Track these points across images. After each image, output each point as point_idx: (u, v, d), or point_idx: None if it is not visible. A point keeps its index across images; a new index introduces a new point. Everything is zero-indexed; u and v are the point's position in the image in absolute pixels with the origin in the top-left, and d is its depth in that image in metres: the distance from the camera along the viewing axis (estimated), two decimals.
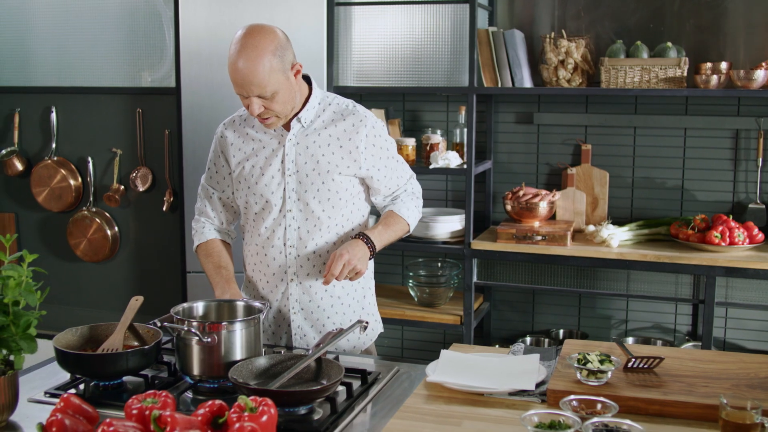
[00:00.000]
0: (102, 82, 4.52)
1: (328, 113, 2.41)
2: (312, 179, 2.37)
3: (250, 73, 2.18)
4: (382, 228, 2.44)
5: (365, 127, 2.39)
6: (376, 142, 2.42)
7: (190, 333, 2.01)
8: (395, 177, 2.51)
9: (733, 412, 1.64)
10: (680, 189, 3.98)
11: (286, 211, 2.40)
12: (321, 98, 2.43)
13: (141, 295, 2.34)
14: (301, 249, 2.42)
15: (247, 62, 2.18)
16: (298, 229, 2.41)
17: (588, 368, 1.89)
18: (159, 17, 4.36)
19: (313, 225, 2.40)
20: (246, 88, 2.21)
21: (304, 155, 2.37)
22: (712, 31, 3.85)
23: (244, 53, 2.19)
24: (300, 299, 2.46)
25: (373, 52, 4.12)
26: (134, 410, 1.70)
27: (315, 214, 2.39)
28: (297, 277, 2.44)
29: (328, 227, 2.42)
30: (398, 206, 2.53)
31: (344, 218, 2.44)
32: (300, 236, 2.41)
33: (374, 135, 2.41)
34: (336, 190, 2.39)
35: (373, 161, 2.42)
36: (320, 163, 2.37)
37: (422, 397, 1.92)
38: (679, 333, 4.07)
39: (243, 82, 2.20)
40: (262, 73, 2.18)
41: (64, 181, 4.58)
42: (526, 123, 4.15)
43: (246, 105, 2.26)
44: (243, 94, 2.24)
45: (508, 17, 4.13)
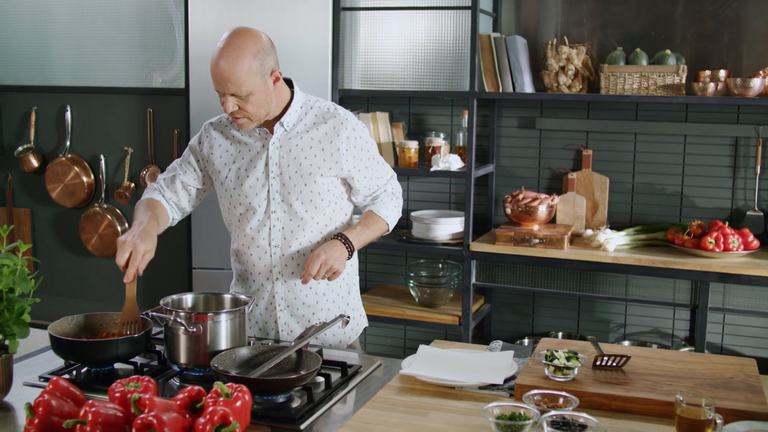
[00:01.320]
0: (115, 82, 4.65)
1: (310, 116, 2.49)
2: (295, 181, 2.45)
3: (228, 71, 2.27)
4: (361, 228, 2.52)
5: (346, 130, 2.47)
6: (357, 144, 2.50)
7: (177, 323, 2.10)
8: (375, 178, 2.59)
9: (688, 408, 1.69)
10: (679, 195, 4.03)
11: (271, 212, 2.48)
12: (303, 102, 2.51)
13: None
14: (285, 249, 2.50)
15: (227, 60, 2.27)
16: (282, 229, 2.49)
17: (554, 364, 1.96)
18: (170, 20, 4.48)
19: (296, 225, 2.49)
20: (223, 85, 2.30)
21: (287, 158, 2.46)
22: (713, 40, 3.89)
23: (226, 51, 2.28)
24: (285, 297, 2.55)
25: (378, 56, 4.20)
26: (117, 393, 1.79)
27: (298, 215, 2.48)
28: (282, 276, 2.53)
29: (311, 227, 2.50)
30: (377, 206, 2.61)
31: (327, 218, 2.52)
32: (284, 236, 2.49)
33: (355, 137, 2.49)
34: (318, 191, 2.47)
35: (354, 162, 2.49)
36: (303, 166, 2.45)
37: (395, 389, 1.99)
38: (677, 338, 4.11)
39: (220, 79, 2.29)
40: (239, 72, 2.27)
41: (77, 177, 4.70)
42: (528, 128, 4.21)
43: (222, 102, 2.35)
44: (220, 91, 2.33)
45: (512, 23, 4.19)
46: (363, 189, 2.57)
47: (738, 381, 1.97)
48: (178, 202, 2.64)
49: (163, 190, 2.63)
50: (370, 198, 2.62)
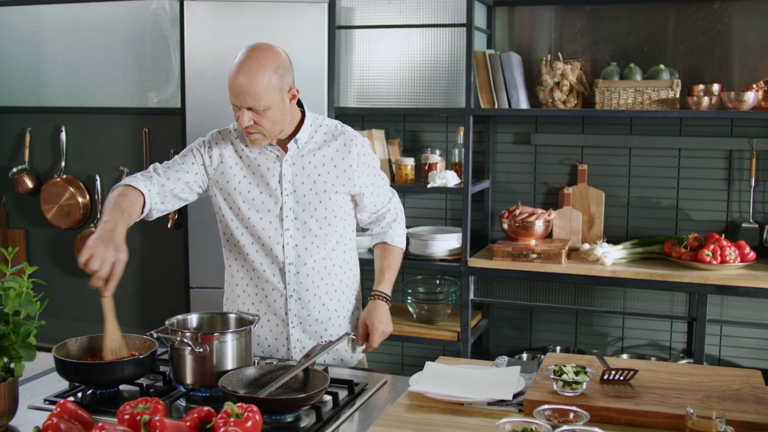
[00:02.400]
0: (110, 102, 4.64)
1: (320, 134, 2.51)
2: (309, 199, 2.45)
3: (248, 84, 2.26)
4: (389, 274, 2.64)
5: (356, 146, 2.50)
6: (366, 161, 2.53)
7: (183, 343, 2.09)
8: (381, 194, 2.61)
9: (698, 421, 1.70)
10: (675, 208, 4.05)
11: (284, 230, 2.47)
12: (312, 120, 2.52)
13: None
14: (300, 266, 2.50)
15: (247, 73, 2.26)
16: (296, 247, 2.49)
17: (563, 379, 1.96)
18: (165, 40, 4.49)
19: (310, 242, 2.49)
20: (241, 98, 2.28)
21: (300, 175, 2.46)
22: (705, 54, 3.93)
23: (247, 64, 2.28)
24: (299, 314, 2.54)
25: (374, 73, 4.22)
26: (126, 415, 1.78)
27: (312, 232, 2.48)
28: (296, 293, 2.52)
29: (325, 244, 2.51)
30: (390, 236, 2.68)
31: (338, 234, 2.54)
32: (298, 254, 2.49)
33: (364, 153, 2.52)
34: (332, 208, 2.48)
35: (364, 179, 2.52)
36: (317, 183, 2.46)
37: (403, 406, 1.99)
38: (674, 350, 4.12)
39: (239, 92, 2.28)
40: (259, 86, 2.27)
41: (72, 198, 4.69)
42: (523, 143, 4.23)
43: (237, 117, 2.33)
44: (236, 104, 2.31)
45: (507, 40, 4.22)
46: (370, 206, 2.59)
47: (745, 393, 1.98)
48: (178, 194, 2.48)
49: (161, 178, 2.44)
50: (375, 216, 2.64)
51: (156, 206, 2.44)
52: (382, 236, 2.69)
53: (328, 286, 2.55)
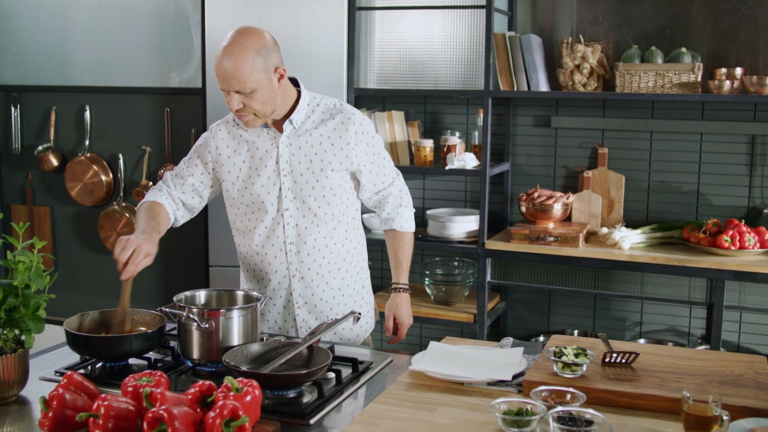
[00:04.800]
0: (133, 82, 4.70)
1: (317, 113, 2.51)
2: (307, 178, 2.47)
3: (232, 68, 2.29)
4: (406, 264, 2.71)
5: (354, 124, 2.49)
6: (365, 139, 2.53)
7: (190, 319, 2.13)
8: (382, 174, 2.61)
9: (695, 405, 1.70)
10: (696, 193, 4.01)
11: (284, 210, 2.49)
12: (309, 100, 2.53)
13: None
14: (300, 245, 2.52)
15: (230, 58, 2.29)
16: (296, 226, 2.51)
17: (563, 361, 1.97)
18: (187, 20, 4.52)
19: (310, 221, 2.51)
20: (227, 83, 2.31)
21: (297, 155, 2.48)
22: (729, 38, 3.88)
23: (230, 49, 2.30)
24: (303, 293, 2.57)
25: (393, 55, 4.22)
26: (129, 387, 1.82)
27: (312, 211, 2.49)
28: (299, 273, 2.55)
29: (325, 222, 2.52)
30: (399, 222, 2.69)
31: (340, 213, 2.55)
32: (299, 233, 2.51)
33: (363, 132, 2.52)
34: (330, 186, 2.49)
35: (362, 157, 2.52)
36: (314, 162, 2.47)
37: (404, 385, 2.01)
38: (693, 336, 4.10)
39: (224, 76, 2.31)
40: (243, 69, 2.29)
41: (96, 176, 4.75)
42: (544, 126, 4.21)
43: (227, 101, 2.36)
44: (224, 89, 2.34)
45: (528, 22, 4.20)
46: (369, 185, 2.59)
47: (747, 378, 1.97)
48: (187, 202, 2.62)
49: (171, 189, 2.61)
50: (377, 198, 2.64)
51: (178, 214, 2.62)
52: (391, 223, 2.69)
53: (331, 265, 2.57)
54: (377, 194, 2.63)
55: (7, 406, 1.95)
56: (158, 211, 2.53)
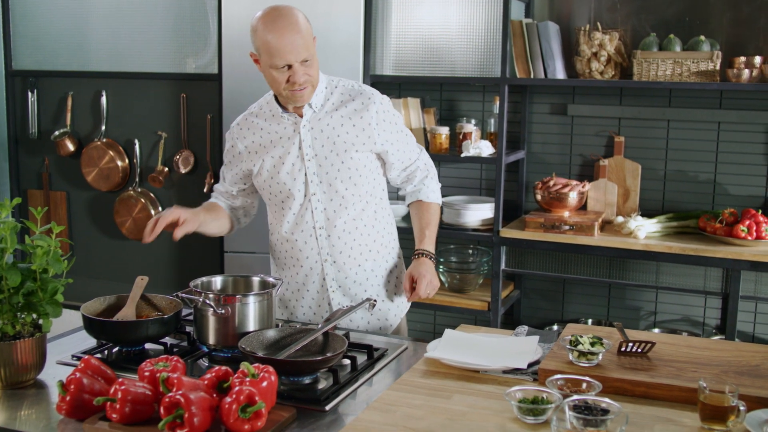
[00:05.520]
0: (149, 67, 4.70)
1: (336, 96, 2.50)
2: (331, 160, 2.46)
3: (300, 36, 2.29)
4: (429, 231, 2.62)
5: (374, 104, 2.48)
6: (386, 117, 2.51)
7: (206, 304, 2.14)
8: (407, 150, 2.60)
9: (711, 395, 1.69)
10: (712, 183, 3.99)
11: (311, 195, 2.49)
12: (327, 83, 2.52)
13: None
14: (330, 229, 2.52)
15: (292, 28, 2.29)
16: (325, 210, 2.50)
17: (579, 349, 1.96)
18: (204, 5, 4.52)
19: (338, 204, 2.50)
20: (295, 53, 2.29)
21: (320, 138, 2.46)
22: (749, 26, 3.84)
23: (285, 20, 2.30)
24: (336, 277, 2.56)
25: (410, 42, 4.21)
26: (146, 372, 1.84)
27: (339, 194, 2.49)
28: (330, 257, 2.54)
29: (353, 204, 2.51)
30: (425, 192, 2.66)
31: (367, 194, 2.54)
32: (327, 217, 2.51)
33: (383, 111, 2.50)
34: (356, 167, 2.48)
35: (386, 136, 2.51)
36: (337, 144, 2.46)
37: (419, 372, 2.01)
38: (707, 326, 4.08)
39: (292, 48, 2.28)
40: (307, 34, 2.31)
41: (112, 162, 4.77)
42: (560, 114, 4.19)
43: (285, 79, 2.33)
44: (288, 62, 2.30)
45: (545, 9, 4.17)
46: (397, 162, 2.58)
47: (764, 369, 1.96)
48: (239, 205, 2.70)
49: (221, 199, 2.70)
50: (405, 174, 2.64)
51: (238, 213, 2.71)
52: (417, 194, 2.67)
53: (362, 246, 2.56)
54: (405, 170, 2.63)
55: (25, 390, 1.97)
56: (215, 206, 2.66)
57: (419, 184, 2.67)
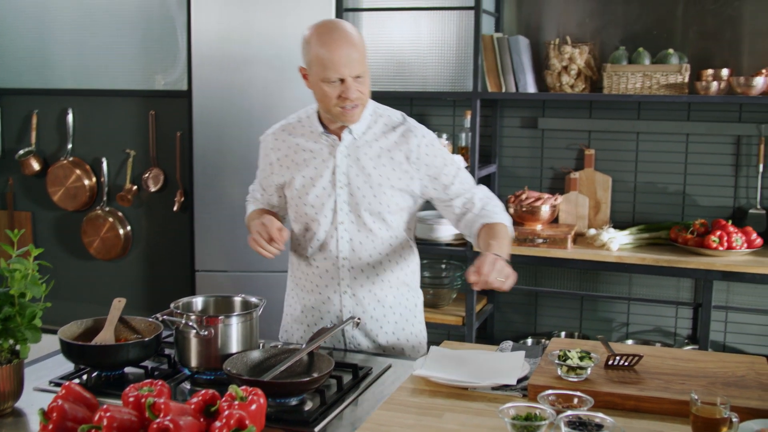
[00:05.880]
0: (117, 84, 4.65)
1: (379, 125, 2.38)
2: (364, 192, 2.35)
3: (356, 50, 2.20)
4: (495, 241, 2.23)
5: (415, 138, 2.35)
6: (429, 152, 2.37)
7: (188, 326, 2.09)
8: (457, 183, 2.42)
9: (703, 407, 1.70)
10: (682, 194, 4.03)
11: (338, 223, 2.37)
12: (372, 110, 2.39)
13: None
14: (354, 261, 2.40)
15: (349, 41, 2.20)
16: (351, 240, 2.39)
17: (568, 364, 1.96)
18: (172, 21, 4.48)
19: (365, 236, 2.38)
20: (350, 67, 2.19)
21: (355, 167, 2.35)
22: (715, 39, 3.90)
23: (340, 32, 2.21)
24: (353, 310, 2.45)
25: (381, 57, 4.21)
26: (131, 398, 1.78)
27: (367, 226, 2.37)
28: (350, 289, 2.43)
29: (381, 239, 2.39)
30: (487, 216, 2.38)
31: (396, 230, 2.41)
32: (353, 248, 2.39)
33: (425, 145, 2.36)
34: (387, 203, 2.36)
35: (426, 171, 2.37)
36: (372, 176, 2.34)
37: (408, 391, 1.99)
38: (679, 336, 4.12)
39: (348, 62, 2.18)
40: (361, 48, 2.21)
41: (78, 180, 4.70)
42: (530, 128, 4.22)
43: (336, 94, 2.22)
44: (341, 76, 2.19)
45: (515, 23, 4.20)
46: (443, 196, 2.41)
47: (750, 379, 1.97)
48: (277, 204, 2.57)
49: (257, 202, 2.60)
50: (461, 210, 2.43)
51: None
52: (476, 222, 2.38)
53: (384, 282, 2.45)
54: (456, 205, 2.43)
55: (3, 419, 1.91)
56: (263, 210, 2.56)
57: (480, 211, 2.40)
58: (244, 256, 4.11)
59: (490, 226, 2.35)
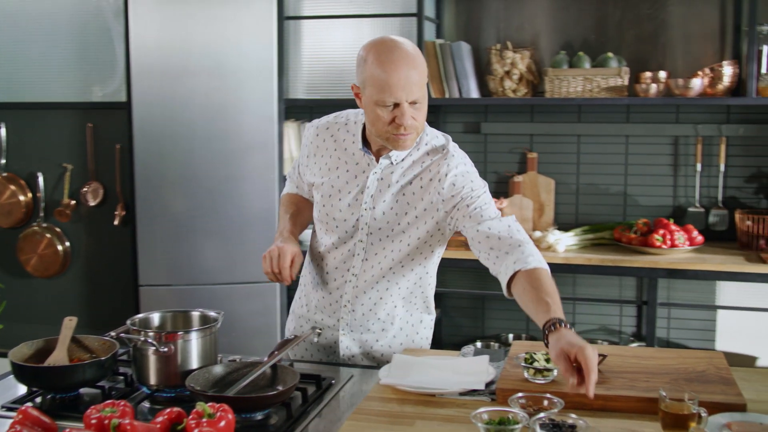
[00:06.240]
0: (52, 97, 4.52)
1: (420, 151, 2.24)
2: (388, 218, 2.26)
3: (413, 71, 2.04)
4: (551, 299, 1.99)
5: (448, 166, 2.21)
6: (457, 182, 2.22)
7: (147, 343, 2.04)
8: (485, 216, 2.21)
9: (671, 403, 1.72)
10: (623, 194, 4.11)
11: (357, 241, 2.29)
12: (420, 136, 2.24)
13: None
14: (361, 279, 2.33)
15: (408, 60, 2.04)
16: (365, 261, 2.31)
17: (535, 367, 1.97)
18: (109, 32, 4.38)
19: (383, 257, 2.30)
20: (406, 90, 2.03)
21: (384, 192, 2.24)
22: (651, 42, 3.99)
23: (401, 52, 2.06)
24: (351, 323, 2.39)
25: (323, 65, 4.19)
26: (93, 420, 1.73)
27: (385, 251, 2.29)
28: (350, 305, 2.37)
29: (400, 264, 2.31)
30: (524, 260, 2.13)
31: (414, 261, 2.32)
32: (365, 268, 2.31)
33: (456, 174, 2.22)
34: (409, 233, 2.26)
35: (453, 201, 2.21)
36: (399, 202, 2.24)
37: (376, 400, 1.97)
38: (624, 334, 4.19)
39: (405, 84, 2.03)
40: (421, 72, 2.07)
41: (13, 197, 4.55)
42: (473, 132, 4.25)
43: (389, 119, 2.08)
44: (397, 100, 2.05)
45: (455, 30, 4.22)
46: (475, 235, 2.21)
47: (710, 374, 2.01)
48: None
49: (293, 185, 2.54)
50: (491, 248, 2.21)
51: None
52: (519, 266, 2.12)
53: (388, 306, 2.37)
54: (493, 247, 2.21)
55: None
56: (295, 200, 2.50)
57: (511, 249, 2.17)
58: (189, 269, 4.04)
59: (538, 273, 2.09)
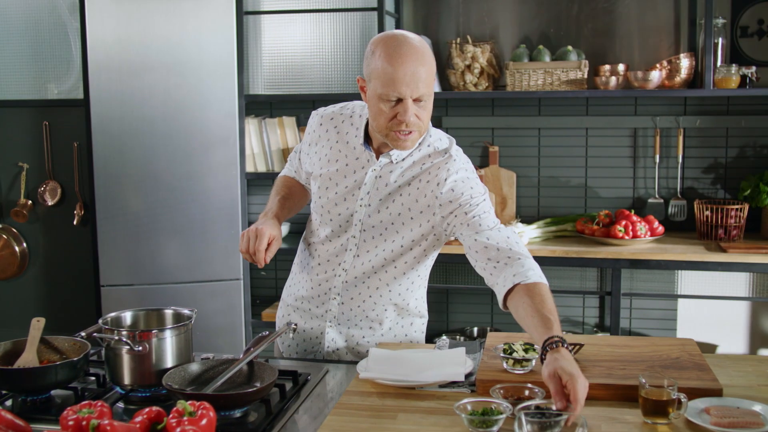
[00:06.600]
0: (5, 95, 4.41)
1: (422, 152, 2.20)
2: (382, 217, 2.23)
3: (421, 67, 1.99)
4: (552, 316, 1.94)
5: (448, 171, 2.18)
6: (456, 187, 2.17)
7: (121, 342, 2.00)
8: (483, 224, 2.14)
9: (651, 390, 1.74)
10: (584, 187, 4.16)
11: (350, 236, 2.27)
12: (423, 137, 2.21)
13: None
14: (351, 273, 2.30)
15: (416, 55, 2.00)
16: (356, 257, 2.28)
17: (514, 357, 1.98)
18: (64, 28, 4.29)
19: (373, 256, 2.27)
20: (411, 86, 1.99)
21: (381, 190, 2.21)
22: (608, 35, 4.04)
23: (410, 47, 2.01)
24: (338, 317, 2.37)
25: (283, 60, 4.16)
26: (70, 421, 1.69)
27: (377, 249, 2.26)
28: (339, 297, 2.35)
29: (392, 264, 2.28)
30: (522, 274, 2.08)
31: (406, 264, 2.30)
32: (355, 264, 2.29)
33: (456, 180, 2.17)
34: (403, 234, 2.23)
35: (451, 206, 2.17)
36: (395, 202, 2.21)
37: (356, 394, 1.97)
38: (587, 325, 4.24)
39: (410, 79, 1.98)
40: (429, 69, 2.03)
41: None
42: (435, 127, 4.23)
43: (391, 115, 2.03)
44: (401, 95, 2.00)
45: (414, 24, 4.23)
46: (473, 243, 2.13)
47: (684, 360, 2.04)
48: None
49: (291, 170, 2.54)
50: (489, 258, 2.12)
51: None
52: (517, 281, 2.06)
53: (377, 305, 2.36)
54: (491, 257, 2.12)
55: None
56: (290, 184, 2.48)
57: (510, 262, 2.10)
58: (151, 268, 3.98)
59: (537, 288, 2.05)
